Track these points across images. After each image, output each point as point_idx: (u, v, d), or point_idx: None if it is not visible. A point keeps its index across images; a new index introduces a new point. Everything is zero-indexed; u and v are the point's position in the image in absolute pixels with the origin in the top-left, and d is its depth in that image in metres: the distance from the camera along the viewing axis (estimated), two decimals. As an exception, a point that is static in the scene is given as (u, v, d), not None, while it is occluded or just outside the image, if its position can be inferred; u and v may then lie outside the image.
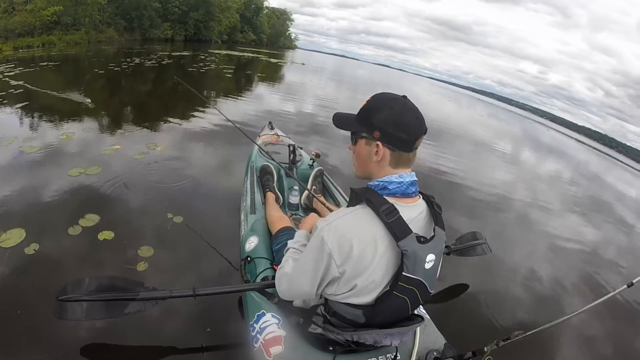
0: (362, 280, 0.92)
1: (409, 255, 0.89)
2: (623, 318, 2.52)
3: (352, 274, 0.92)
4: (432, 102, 23.06)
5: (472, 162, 7.36)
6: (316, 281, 0.97)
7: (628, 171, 22.56)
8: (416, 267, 0.91)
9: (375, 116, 0.94)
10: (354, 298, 0.96)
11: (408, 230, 0.89)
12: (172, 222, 2.48)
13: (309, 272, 0.98)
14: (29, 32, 12.72)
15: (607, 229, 5.34)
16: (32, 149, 3.28)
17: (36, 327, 1.52)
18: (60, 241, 2.10)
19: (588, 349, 2.20)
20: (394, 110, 0.92)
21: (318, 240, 0.94)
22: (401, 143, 0.93)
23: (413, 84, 48.39)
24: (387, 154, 0.94)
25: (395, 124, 0.91)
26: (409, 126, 0.92)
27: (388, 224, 0.88)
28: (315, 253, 0.95)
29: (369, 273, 0.92)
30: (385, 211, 0.89)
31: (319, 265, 0.94)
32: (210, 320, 1.75)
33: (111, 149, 3.54)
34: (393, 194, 0.94)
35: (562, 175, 9.96)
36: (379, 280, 0.93)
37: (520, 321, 2.29)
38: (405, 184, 0.95)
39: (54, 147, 3.42)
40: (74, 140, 3.66)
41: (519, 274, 2.83)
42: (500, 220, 4.33)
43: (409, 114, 0.93)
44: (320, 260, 0.93)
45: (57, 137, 3.69)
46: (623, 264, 3.55)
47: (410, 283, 0.92)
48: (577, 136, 65.99)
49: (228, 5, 30.84)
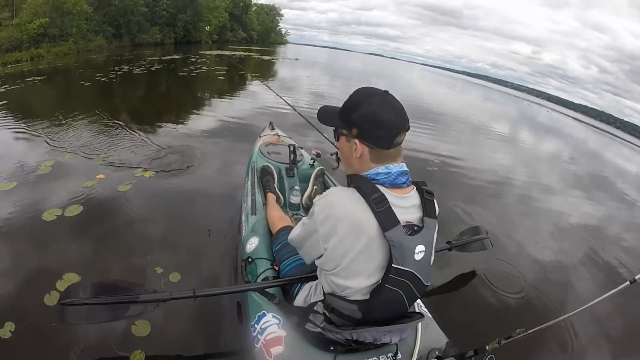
0: (346, 262, 0.94)
1: (395, 246, 0.89)
2: (626, 315, 2.50)
3: (334, 252, 0.95)
4: (426, 88, 22.98)
5: (470, 147, 7.35)
6: (310, 248, 1.03)
7: (627, 146, 22.55)
8: (405, 258, 0.91)
9: (353, 113, 0.94)
10: (341, 279, 0.98)
11: (396, 221, 0.90)
12: (166, 279, 2.07)
13: (305, 238, 1.04)
14: (17, 47, 12.58)
15: (611, 219, 5.16)
16: (7, 185, 2.87)
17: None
18: (38, 317, 1.71)
19: (591, 347, 2.19)
20: (371, 106, 0.92)
21: (312, 211, 0.99)
22: (379, 140, 0.93)
23: (407, 71, 48.22)
24: (366, 151, 0.94)
25: (371, 121, 0.91)
26: (386, 123, 0.91)
27: (377, 212, 0.89)
28: (310, 223, 1.01)
29: (353, 256, 0.93)
30: (375, 199, 0.90)
31: (310, 235, 1.00)
32: (211, 322, 1.76)
33: (94, 180, 3.11)
34: (382, 184, 0.94)
35: (562, 156, 9.94)
36: (363, 267, 0.94)
37: (522, 319, 2.27)
38: (393, 175, 0.95)
39: (30, 182, 2.98)
40: (53, 171, 3.22)
41: (521, 270, 2.81)
42: (501, 209, 4.28)
43: (387, 110, 0.92)
44: (310, 232, 0.99)
45: (34, 167, 3.24)
46: (627, 260, 3.50)
47: (402, 275, 0.93)
48: (575, 114, 65.74)
49: (216, 4, 30.56)
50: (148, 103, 7.23)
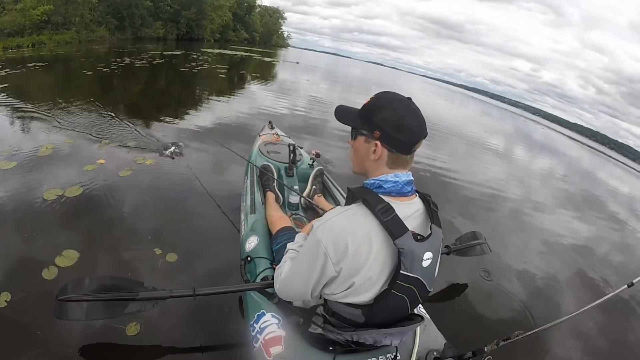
0: (359, 278, 0.92)
1: (405, 253, 0.89)
2: (623, 318, 2.53)
3: (349, 272, 0.92)
4: (425, 99, 23.14)
5: (465, 160, 7.42)
6: (311, 281, 0.97)
7: (620, 167, 22.86)
8: (414, 265, 0.91)
9: (377, 115, 0.94)
10: (352, 297, 0.96)
11: (404, 228, 0.89)
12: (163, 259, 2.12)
13: (304, 272, 0.98)
14: (19, 32, 12.50)
15: (604, 227, 5.36)
16: (7, 164, 2.87)
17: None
18: (34, 289, 1.73)
19: (588, 349, 2.21)
20: (396, 111, 0.92)
21: (314, 239, 0.94)
22: (400, 145, 0.93)
23: (406, 81, 48.56)
24: (385, 154, 0.94)
25: (396, 126, 0.91)
26: (409, 129, 0.92)
27: (384, 222, 0.88)
28: (311, 252, 0.95)
29: (366, 271, 0.91)
30: (381, 210, 0.89)
31: (315, 265, 0.94)
32: (210, 320, 1.75)
33: (95, 164, 3.13)
34: (389, 193, 0.94)
35: (556, 172, 10.07)
36: (375, 277, 0.93)
37: (521, 321, 2.29)
38: (400, 183, 0.95)
39: (31, 163, 2.98)
40: (54, 154, 3.23)
41: (518, 273, 2.84)
42: (497, 219, 4.35)
43: (411, 116, 0.92)
44: (316, 260, 0.93)
45: (35, 149, 3.25)
46: (623, 263, 3.56)
47: (409, 281, 0.92)
48: (570, 133, 66.54)
49: (220, 3, 30.60)
50: (149, 96, 7.23)
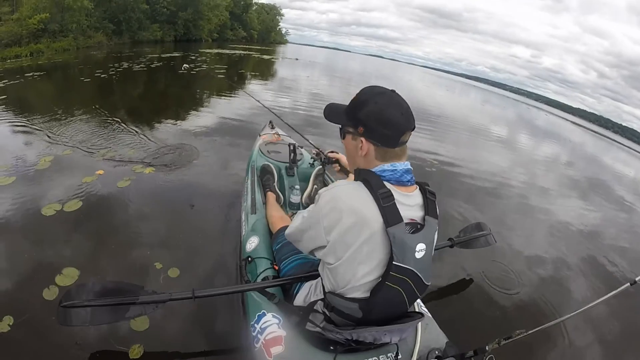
0: (349, 254, 0.94)
1: (396, 242, 0.90)
2: (626, 316, 2.50)
3: (337, 244, 0.95)
4: (425, 89, 23.02)
5: (469, 149, 7.33)
6: (310, 243, 1.04)
7: (624, 151, 22.63)
8: (406, 255, 0.92)
9: (361, 110, 0.95)
10: (342, 273, 0.98)
11: (399, 218, 0.91)
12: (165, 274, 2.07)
13: (305, 234, 1.05)
14: (17, 42, 12.53)
15: (612, 215, 5.26)
16: (6, 180, 2.84)
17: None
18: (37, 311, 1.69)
19: (590, 348, 2.18)
20: (378, 105, 0.93)
21: (317, 205, 0.99)
22: (385, 139, 0.94)
23: (406, 72, 48.27)
24: (372, 150, 0.95)
25: (378, 119, 0.92)
26: (392, 122, 0.92)
27: (382, 207, 0.90)
28: (313, 217, 1.01)
29: (356, 248, 0.93)
30: (382, 194, 0.91)
31: (311, 230, 1.01)
32: (210, 321, 1.76)
33: (93, 175, 3.09)
34: (388, 180, 0.95)
35: (561, 158, 9.99)
36: (365, 259, 0.94)
37: (522, 319, 2.26)
38: (399, 172, 0.96)
39: (30, 177, 2.95)
40: (52, 167, 3.18)
41: (522, 270, 2.81)
42: (502, 208, 4.30)
43: (394, 109, 0.93)
44: (314, 225, 0.99)
45: (34, 163, 3.21)
46: (627, 261, 3.51)
47: (403, 273, 0.93)
48: (573, 118, 65.94)
49: (217, 3, 30.50)
50: (147, 100, 7.20)
